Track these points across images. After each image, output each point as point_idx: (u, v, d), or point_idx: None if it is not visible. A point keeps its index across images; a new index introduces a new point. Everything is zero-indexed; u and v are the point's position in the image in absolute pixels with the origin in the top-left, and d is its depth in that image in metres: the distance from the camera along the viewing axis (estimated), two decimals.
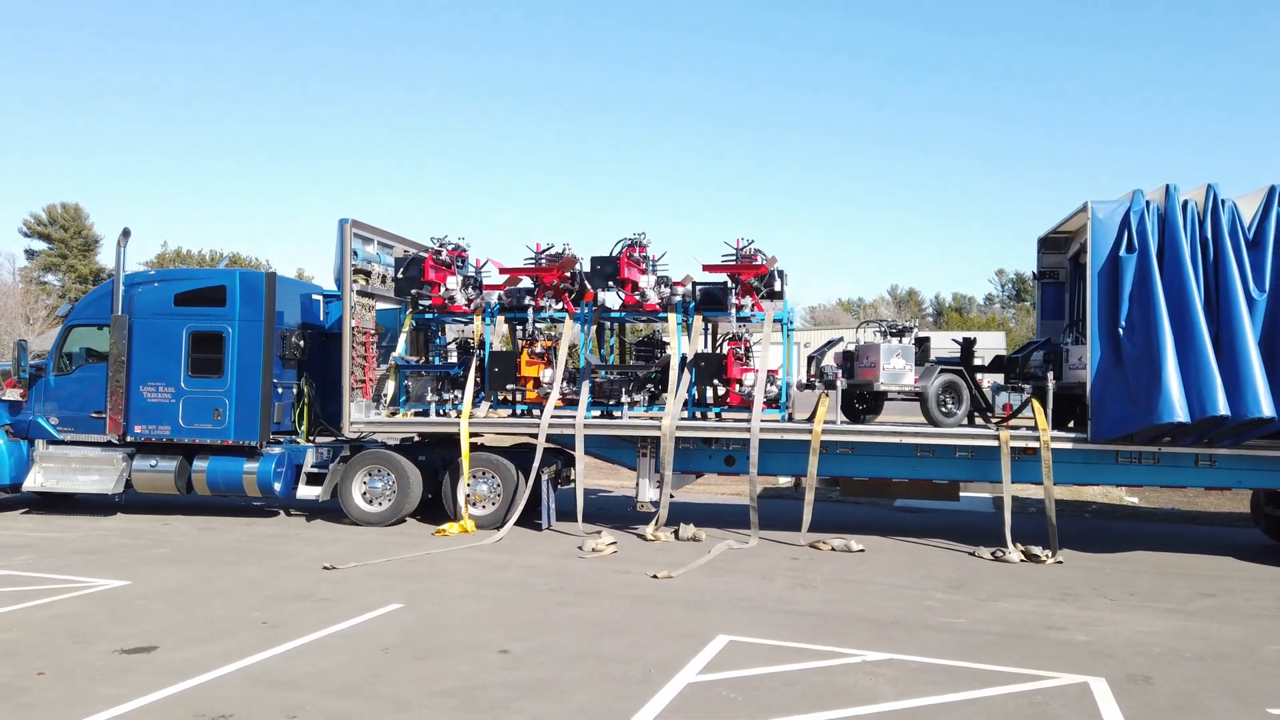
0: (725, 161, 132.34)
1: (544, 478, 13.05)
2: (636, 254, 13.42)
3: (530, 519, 13.26)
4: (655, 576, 10.10)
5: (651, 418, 13.26)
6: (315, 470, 13.67)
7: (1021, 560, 11.37)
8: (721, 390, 13.34)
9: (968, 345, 13.18)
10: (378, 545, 11.77)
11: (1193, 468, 11.71)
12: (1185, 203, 11.20)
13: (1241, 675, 7.07)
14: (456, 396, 13.69)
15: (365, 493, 13.38)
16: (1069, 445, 11.70)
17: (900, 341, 12.54)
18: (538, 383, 13.38)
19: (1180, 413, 10.61)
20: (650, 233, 13.56)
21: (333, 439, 14.29)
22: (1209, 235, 11.04)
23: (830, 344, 13.55)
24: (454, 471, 13.18)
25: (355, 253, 13.70)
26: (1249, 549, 12.63)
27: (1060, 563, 11.31)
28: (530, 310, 13.78)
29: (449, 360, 14.19)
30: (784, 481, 17.84)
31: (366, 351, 13.88)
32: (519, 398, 13.68)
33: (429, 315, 14.36)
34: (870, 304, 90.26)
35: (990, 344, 33.35)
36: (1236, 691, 6.67)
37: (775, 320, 13.27)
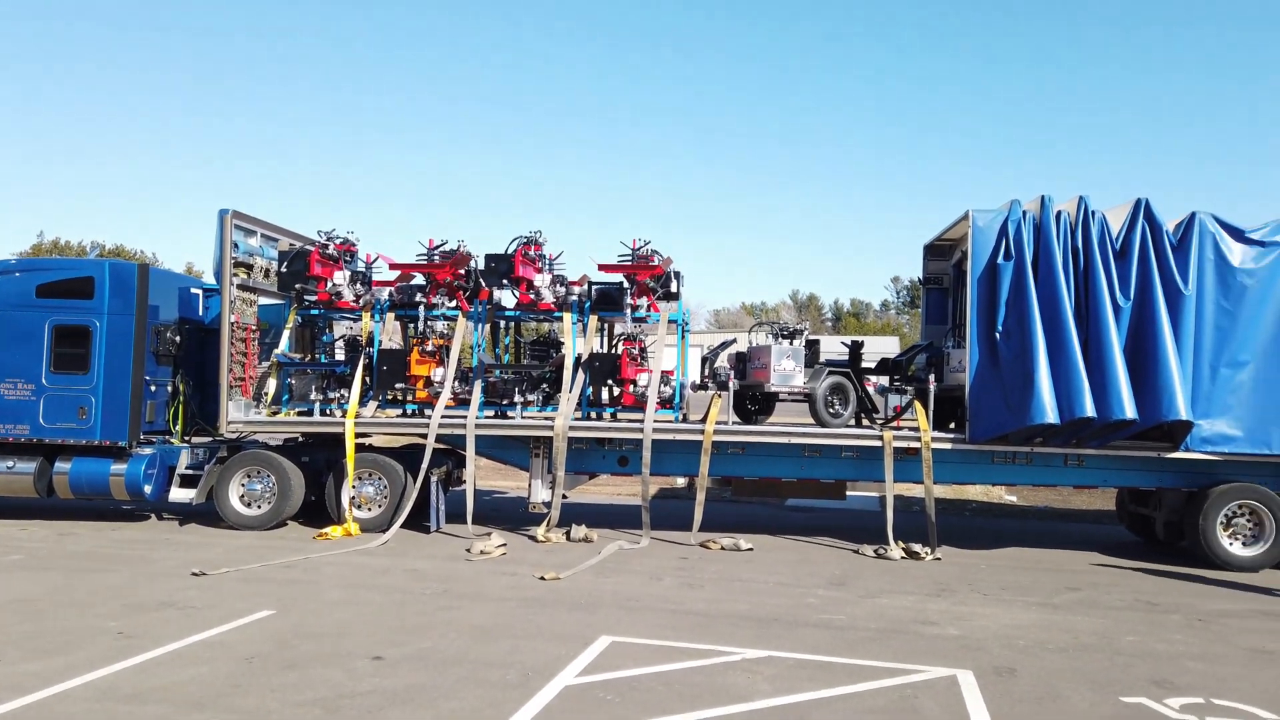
0: (633, 163, 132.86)
1: (433, 479, 12.76)
2: (532, 252, 13.26)
3: (419, 521, 12.95)
4: (543, 578, 9.97)
5: (545, 418, 13.12)
6: (190, 472, 13.02)
7: (902, 557, 11.67)
8: (616, 391, 13.31)
9: (855, 348, 13.47)
10: (254, 550, 11.29)
11: (1063, 467, 12.23)
12: (1059, 213, 11.70)
13: (1099, 665, 7.38)
14: (343, 395, 13.26)
15: (243, 495, 12.82)
16: (948, 445, 12.07)
17: (791, 344, 12.73)
18: (429, 382, 13.07)
19: (1051, 414, 11.06)
20: (550, 233, 13.41)
21: (210, 439, 13.65)
22: (1080, 245, 11.56)
23: (724, 345, 13.68)
24: (338, 473, 12.76)
25: (236, 245, 13.13)
26: (1114, 545, 13.27)
27: (939, 559, 11.66)
28: (422, 308, 13.45)
29: (335, 358, 13.74)
30: (679, 482, 17.93)
31: (247, 348, 13.32)
32: (409, 397, 13.34)
33: (314, 311, 13.88)
34: (773, 308, 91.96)
35: (884, 348, 34.27)
36: (1093, 681, 6.96)
37: (671, 321, 13.30)
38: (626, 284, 13.01)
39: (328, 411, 13.36)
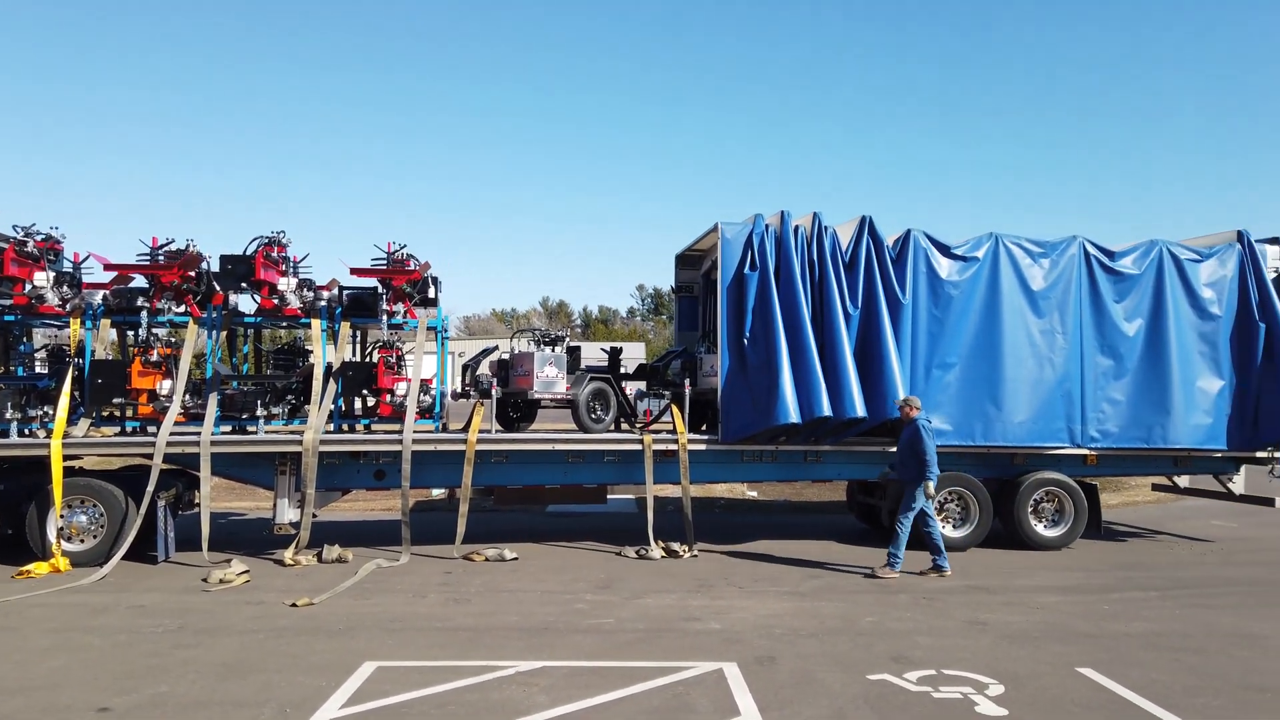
0: (378, 167, 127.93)
1: (160, 503, 11.48)
2: (274, 254, 12.31)
3: (144, 552, 11.60)
4: (294, 605, 9.26)
5: (292, 431, 12.22)
6: None
7: (662, 556, 12.04)
8: (371, 401, 12.68)
9: (615, 354, 13.74)
10: None
11: (803, 463, 13.15)
12: (797, 228, 12.58)
13: (845, 647, 7.98)
14: (47, 413, 11.61)
15: None
16: (703, 446, 12.61)
17: (553, 351, 12.74)
18: (154, 396, 11.73)
19: (794, 414, 11.87)
20: (292, 235, 12.50)
21: None
22: (815, 257, 12.50)
23: (485, 353, 13.44)
24: (42, 501, 11.15)
25: None
26: (847, 532, 14.47)
27: (696, 556, 12.13)
28: (144, 313, 12.06)
29: (36, 371, 12.01)
30: (437, 493, 17.41)
31: None
32: (129, 413, 11.93)
33: (10, 317, 12.06)
34: (523, 314, 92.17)
35: (632, 354, 35.40)
36: (843, 662, 7.51)
37: (429, 328, 12.87)
38: (382, 289, 12.44)
39: (28, 431, 11.65)
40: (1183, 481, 15.00)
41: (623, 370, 13.81)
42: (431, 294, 12.72)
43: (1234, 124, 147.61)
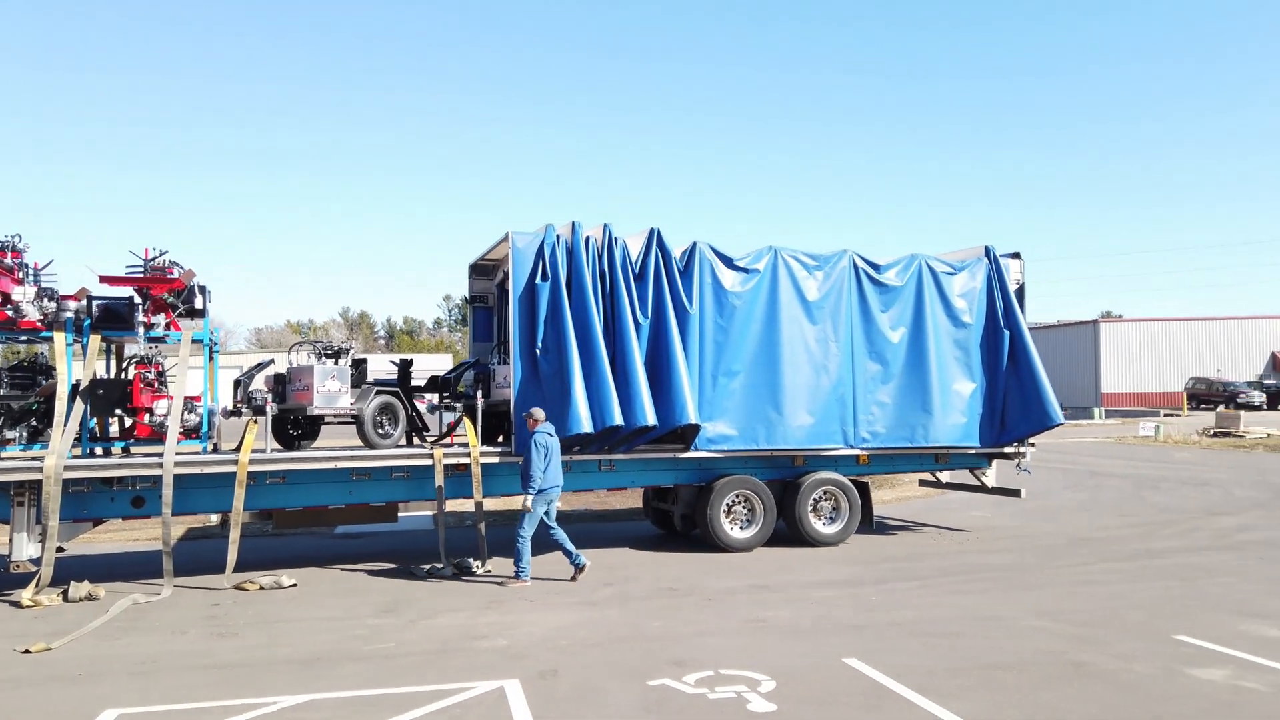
0: (158, 170, 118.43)
1: None
2: (9, 260, 11.02)
3: None
4: (27, 651, 8.27)
5: (32, 457, 10.96)
6: None
7: (455, 575, 11.71)
8: (129, 421, 11.59)
9: (405, 366, 13.27)
10: None
11: (598, 472, 13.22)
12: (588, 238, 12.65)
13: (630, 654, 8.03)
14: None
15: None
16: (496, 459, 12.40)
17: (336, 364, 12.12)
18: None
19: (587, 424, 11.90)
20: (29, 240, 11.22)
21: None
22: (605, 268, 12.61)
23: (260, 366, 12.61)
24: None
25: None
26: (643, 539, 14.68)
27: (490, 572, 11.90)
28: None
29: None
30: (213, 519, 16.16)
31: None
32: None
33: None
34: (321, 326, 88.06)
35: (438, 366, 34.53)
36: (625, 670, 7.54)
37: (195, 341, 11.91)
38: (139, 299, 11.39)
39: None
40: (944, 477, 16.31)
41: (413, 383, 13.37)
42: (198, 304, 11.80)
43: (979, 138, 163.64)
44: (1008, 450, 14.90)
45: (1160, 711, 6.47)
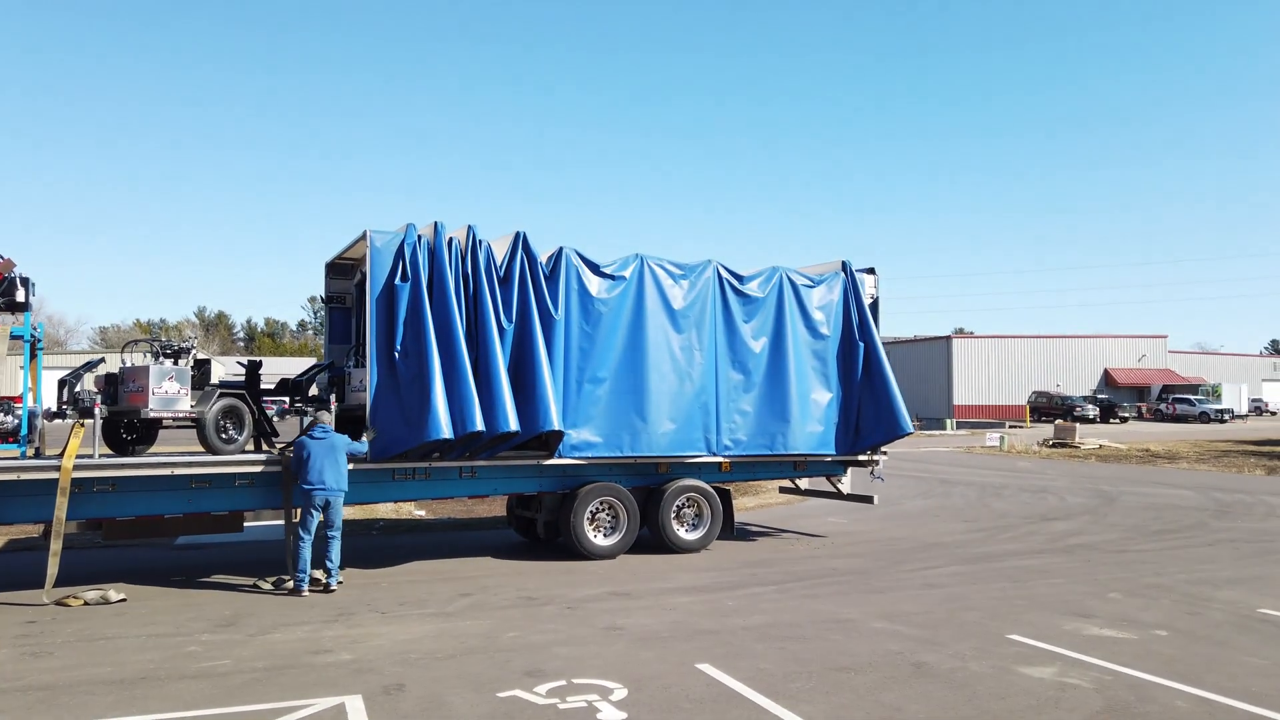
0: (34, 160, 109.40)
1: None
2: None
3: None
4: None
5: None
6: None
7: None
8: None
9: (253, 368, 12.61)
10: None
11: (458, 479, 12.88)
12: (451, 239, 12.35)
13: (482, 666, 7.83)
14: None
15: None
16: (351, 466, 11.91)
17: (176, 364, 11.39)
18: None
19: (447, 430, 11.58)
20: None
21: None
22: (469, 271, 12.34)
23: (88, 366, 11.73)
24: None
25: None
26: (505, 547, 14.44)
27: (342, 583, 11.42)
28: None
29: None
30: (37, 530, 14.91)
31: None
32: None
33: None
34: (174, 325, 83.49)
35: (299, 368, 33.16)
36: (476, 682, 7.34)
37: (15, 337, 10.97)
38: None
39: None
40: (803, 483, 16.75)
41: (262, 385, 12.71)
42: (19, 297, 10.90)
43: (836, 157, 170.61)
44: (862, 458, 15.43)
45: (992, 708, 6.77)
